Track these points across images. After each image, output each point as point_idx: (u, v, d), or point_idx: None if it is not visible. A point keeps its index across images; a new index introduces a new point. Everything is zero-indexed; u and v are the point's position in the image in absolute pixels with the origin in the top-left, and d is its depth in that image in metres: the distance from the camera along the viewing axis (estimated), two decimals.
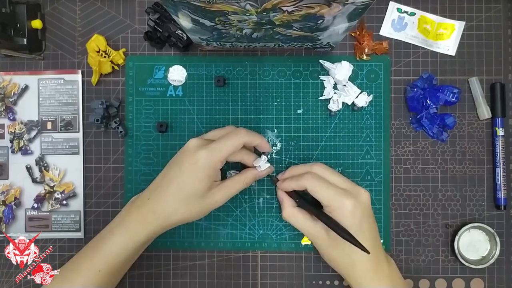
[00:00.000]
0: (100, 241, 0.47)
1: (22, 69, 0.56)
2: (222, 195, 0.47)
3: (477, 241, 0.53)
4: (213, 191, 0.47)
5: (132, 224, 0.46)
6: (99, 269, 0.46)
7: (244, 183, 0.49)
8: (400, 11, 0.55)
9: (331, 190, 0.46)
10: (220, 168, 0.47)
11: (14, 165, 0.55)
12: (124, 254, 0.46)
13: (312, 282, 0.54)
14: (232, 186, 0.48)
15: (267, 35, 0.46)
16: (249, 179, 0.49)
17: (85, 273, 0.46)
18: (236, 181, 0.48)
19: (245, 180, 0.49)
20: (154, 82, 0.55)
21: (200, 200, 0.46)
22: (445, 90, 0.53)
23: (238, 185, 0.48)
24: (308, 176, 0.47)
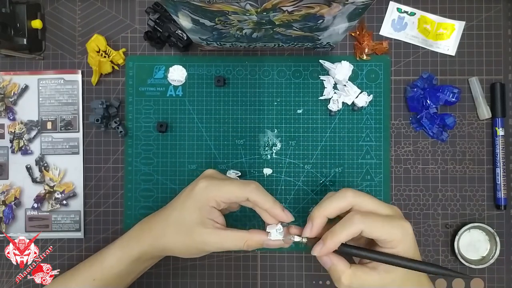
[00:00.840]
0: (102, 251, 0.48)
1: (22, 69, 0.56)
2: (214, 241, 0.42)
3: (477, 241, 0.53)
4: (205, 231, 0.42)
5: (129, 238, 0.47)
6: (94, 278, 0.46)
7: (245, 245, 0.42)
8: (400, 11, 0.55)
9: (388, 222, 0.39)
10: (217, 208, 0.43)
11: (14, 165, 0.55)
12: (118, 268, 0.46)
13: (312, 282, 0.54)
14: (230, 238, 0.42)
15: (267, 35, 0.46)
16: (253, 242, 0.42)
17: (80, 280, 0.47)
18: (237, 236, 0.42)
19: (248, 241, 0.42)
20: (154, 82, 0.55)
21: (187, 233, 0.43)
22: (445, 90, 0.53)
23: (237, 243, 0.42)
24: (357, 219, 0.39)
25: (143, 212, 0.55)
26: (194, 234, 0.42)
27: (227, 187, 0.42)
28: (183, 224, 0.43)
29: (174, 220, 0.44)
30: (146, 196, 0.55)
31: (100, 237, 0.55)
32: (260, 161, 0.55)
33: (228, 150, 0.55)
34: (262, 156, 0.55)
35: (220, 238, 0.42)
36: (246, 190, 0.42)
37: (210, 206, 0.43)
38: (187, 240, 0.43)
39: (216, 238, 0.42)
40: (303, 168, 0.55)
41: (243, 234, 0.43)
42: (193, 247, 0.43)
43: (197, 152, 0.55)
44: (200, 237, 0.42)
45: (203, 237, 0.42)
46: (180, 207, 0.44)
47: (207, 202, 0.42)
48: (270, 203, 0.42)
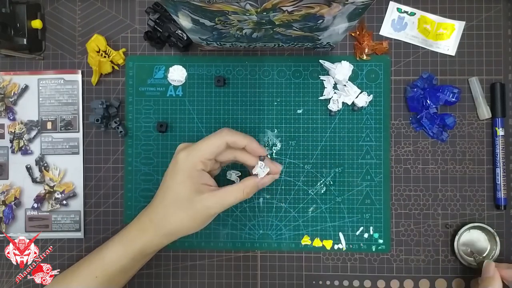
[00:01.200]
0: (102, 248, 0.48)
1: (22, 69, 0.56)
2: (216, 201, 0.43)
3: (477, 241, 0.53)
4: (203, 196, 0.43)
5: (130, 232, 0.47)
6: (96, 275, 0.46)
7: (244, 193, 0.44)
8: (400, 11, 0.55)
9: None
10: (206, 170, 0.45)
11: (14, 165, 0.55)
12: (120, 262, 0.46)
13: (312, 282, 0.54)
14: (229, 194, 0.44)
15: (267, 35, 0.46)
16: (250, 187, 0.45)
17: (82, 279, 0.46)
18: (234, 189, 0.44)
19: (245, 189, 0.44)
20: (154, 82, 0.56)
21: (188, 205, 0.43)
22: (445, 90, 0.53)
23: (237, 194, 0.44)
24: None
25: None
26: (194, 203, 0.43)
27: (205, 144, 0.44)
28: (181, 199, 0.43)
29: (171, 199, 0.44)
30: (146, 196, 0.55)
31: (100, 237, 0.55)
32: None
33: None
34: None
35: (220, 197, 0.44)
36: (222, 136, 0.44)
37: (198, 170, 0.44)
38: (190, 212, 0.44)
39: (216, 199, 0.43)
40: (303, 168, 0.55)
41: (238, 185, 0.45)
42: (198, 217, 0.44)
43: None
44: (201, 204, 0.43)
45: (204, 203, 0.43)
46: (172, 185, 0.44)
47: (195, 167, 0.43)
48: (246, 138, 0.45)
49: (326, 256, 0.54)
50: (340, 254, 0.54)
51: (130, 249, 0.46)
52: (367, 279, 0.54)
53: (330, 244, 0.54)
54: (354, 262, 0.54)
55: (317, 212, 0.54)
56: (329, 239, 0.54)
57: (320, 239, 0.54)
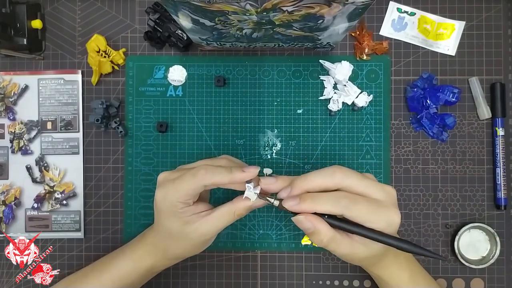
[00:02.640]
0: (112, 260, 0.48)
1: (22, 69, 0.56)
2: (208, 229, 0.41)
3: (477, 241, 0.53)
4: (196, 225, 0.41)
5: (140, 251, 0.47)
6: (103, 286, 0.46)
7: (235, 215, 0.41)
8: (400, 11, 0.55)
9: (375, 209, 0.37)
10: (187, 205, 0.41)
11: (14, 165, 0.55)
12: (130, 278, 0.47)
13: (312, 282, 0.54)
14: (220, 218, 0.41)
15: (267, 35, 0.46)
16: (241, 210, 0.41)
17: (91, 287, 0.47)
18: (225, 212, 0.41)
19: (236, 211, 0.41)
20: (154, 82, 0.55)
21: (183, 237, 0.42)
22: (445, 90, 0.53)
23: (228, 217, 0.41)
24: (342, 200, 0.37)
25: (143, 212, 0.55)
26: (188, 234, 0.42)
27: (181, 186, 0.40)
28: (174, 233, 0.42)
29: (165, 234, 0.44)
30: (146, 196, 0.55)
31: (100, 237, 0.55)
32: (260, 161, 0.55)
33: (228, 150, 0.55)
34: (262, 156, 0.55)
35: (211, 223, 0.41)
36: (198, 180, 0.39)
37: (180, 208, 0.41)
38: (188, 242, 0.43)
39: (207, 226, 0.41)
40: (303, 168, 0.55)
41: (228, 207, 0.41)
42: (196, 244, 0.44)
43: (197, 152, 0.55)
44: (195, 234, 0.42)
45: (197, 232, 0.42)
46: (161, 221, 0.43)
47: (174, 208, 0.41)
48: (226, 177, 0.40)
49: (326, 256, 0.54)
50: None
51: (140, 266, 0.46)
52: (367, 279, 0.54)
53: None
54: None
55: None
56: None
57: None
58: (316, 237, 0.39)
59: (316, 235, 0.39)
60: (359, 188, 0.38)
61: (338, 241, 0.39)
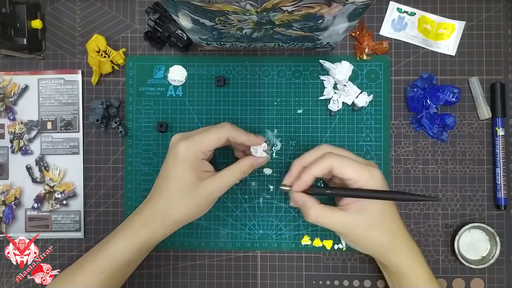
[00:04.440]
0: (104, 244, 0.47)
1: (22, 69, 0.56)
2: (217, 185, 0.46)
3: (477, 241, 0.53)
4: (206, 182, 0.45)
5: (133, 225, 0.47)
6: (101, 270, 0.46)
7: (241, 172, 0.47)
8: (400, 11, 0.55)
9: (357, 163, 0.44)
10: (205, 158, 0.46)
11: (14, 165, 0.55)
12: (126, 255, 0.46)
13: (312, 282, 0.54)
14: (228, 175, 0.46)
15: (267, 35, 0.46)
16: (246, 167, 0.47)
17: (87, 275, 0.46)
18: (232, 170, 0.46)
19: (242, 168, 0.47)
20: (154, 82, 0.55)
21: (192, 193, 0.45)
22: (445, 90, 0.53)
23: (234, 175, 0.46)
24: (329, 155, 0.44)
25: None
26: (198, 189, 0.45)
27: (206, 138, 0.45)
28: (186, 188, 0.45)
29: (175, 189, 0.45)
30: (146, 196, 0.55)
31: (100, 237, 0.55)
32: None
33: (228, 150, 0.55)
34: None
35: (220, 180, 0.46)
36: (223, 131, 0.46)
37: (200, 159, 0.45)
38: (195, 199, 0.45)
39: (217, 183, 0.45)
40: None
41: (235, 166, 0.47)
42: (203, 202, 0.46)
43: None
44: (205, 190, 0.45)
45: (207, 188, 0.45)
46: (175, 175, 0.45)
47: (197, 157, 0.45)
48: (245, 135, 0.46)
49: (326, 256, 0.54)
50: (340, 254, 0.54)
51: (135, 241, 0.46)
52: (367, 279, 0.54)
53: (330, 244, 0.54)
54: (354, 262, 0.54)
55: None
56: (329, 239, 0.54)
57: (320, 239, 0.54)
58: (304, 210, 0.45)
59: (303, 207, 0.45)
60: (344, 153, 0.46)
61: (328, 213, 0.44)
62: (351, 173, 0.43)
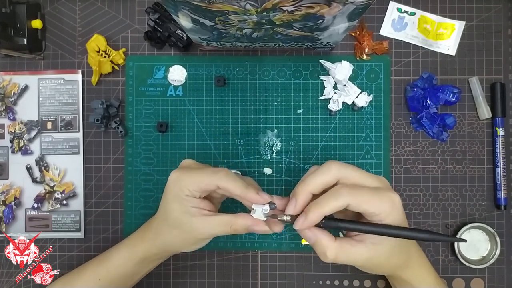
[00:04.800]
0: (108, 252, 0.48)
1: (22, 69, 0.56)
2: (204, 227, 0.41)
3: (477, 241, 0.53)
4: (194, 220, 0.41)
5: (134, 239, 0.48)
6: (99, 278, 0.47)
7: (231, 230, 0.41)
8: (400, 11, 0.55)
9: (375, 194, 0.37)
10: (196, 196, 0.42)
11: (14, 165, 0.55)
12: (124, 267, 0.47)
13: (312, 282, 0.54)
14: (215, 223, 0.41)
15: (267, 35, 0.46)
16: (238, 227, 0.41)
17: (86, 280, 0.47)
18: (222, 221, 0.41)
19: (233, 226, 0.41)
20: (154, 82, 0.55)
21: (177, 225, 0.42)
22: (445, 90, 0.53)
23: (224, 228, 0.41)
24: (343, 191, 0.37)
25: (143, 212, 0.55)
26: (182, 224, 0.42)
27: (197, 176, 0.41)
28: (171, 218, 0.43)
29: (164, 217, 0.44)
30: (146, 196, 0.55)
31: (100, 237, 0.55)
32: (260, 161, 0.55)
33: (228, 150, 0.55)
34: (262, 156, 0.55)
35: (207, 224, 0.41)
36: (215, 178, 0.40)
37: (185, 195, 0.41)
38: (179, 232, 0.43)
39: (204, 225, 0.41)
40: (303, 168, 0.55)
41: (228, 218, 0.41)
42: (188, 238, 0.43)
43: (197, 152, 0.55)
44: (188, 226, 0.42)
45: (192, 226, 0.41)
46: (164, 203, 0.44)
47: (180, 192, 0.41)
48: (240, 188, 0.40)
49: None
50: None
51: (133, 255, 0.46)
52: (367, 279, 0.54)
53: None
54: None
55: None
56: None
57: None
58: (319, 249, 0.38)
59: (318, 246, 0.38)
60: (356, 178, 0.39)
61: (347, 249, 0.38)
62: (372, 209, 0.37)
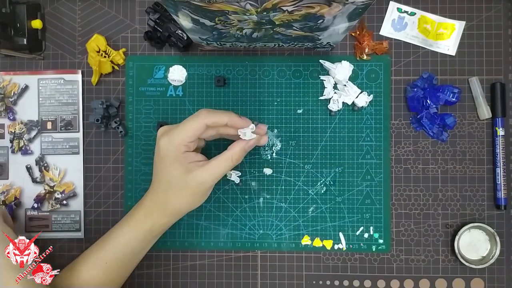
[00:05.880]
0: (108, 235, 0.48)
1: (22, 69, 0.56)
2: (208, 176, 0.44)
3: (477, 241, 0.53)
4: (195, 173, 0.43)
5: (137, 215, 0.47)
6: (105, 261, 0.47)
7: (232, 159, 0.44)
8: (400, 11, 0.55)
9: None
10: (190, 150, 0.45)
11: (14, 165, 0.55)
12: (131, 245, 0.47)
13: (312, 282, 0.54)
14: (218, 164, 0.44)
15: (267, 35, 0.46)
16: (237, 153, 0.44)
17: (92, 266, 0.47)
18: (223, 158, 0.44)
19: (233, 155, 0.44)
20: (154, 82, 0.55)
21: (182, 185, 0.44)
22: (445, 90, 0.53)
23: (226, 163, 0.44)
24: None
25: None
26: (188, 182, 0.44)
27: (185, 128, 0.43)
28: (174, 181, 0.44)
29: (165, 183, 0.45)
30: None
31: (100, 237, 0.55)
32: (260, 161, 0.55)
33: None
34: (262, 156, 0.55)
35: (210, 170, 0.44)
36: (200, 118, 0.43)
37: (182, 152, 0.44)
38: (186, 191, 0.44)
39: (207, 173, 0.44)
40: (303, 168, 0.55)
41: (226, 154, 0.44)
42: (196, 192, 0.45)
43: None
44: (194, 182, 0.44)
45: (197, 179, 0.44)
46: (162, 170, 0.45)
47: (178, 151, 0.43)
48: (225, 116, 0.44)
49: (326, 256, 0.54)
50: (340, 254, 0.54)
51: (139, 231, 0.46)
52: (367, 279, 0.54)
53: (330, 244, 0.54)
54: (354, 262, 0.54)
55: (317, 212, 0.54)
56: (329, 239, 0.54)
57: (320, 239, 0.54)
58: None
59: None
60: None
61: None
62: None
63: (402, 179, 0.55)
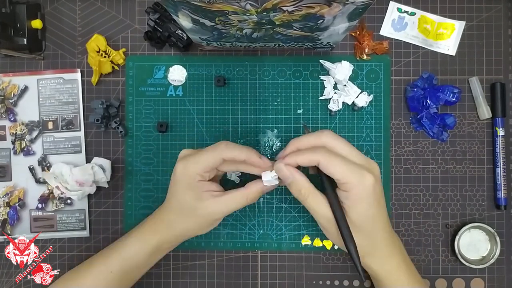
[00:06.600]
0: (116, 245, 0.48)
1: (22, 69, 0.56)
2: (220, 208, 0.44)
3: (477, 241, 0.53)
4: (207, 203, 0.44)
5: (145, 230, 0.48)
6: (110, 270, 0.47)
7: (247, 199, 0.44)
8: (400, 11, 0.55)
9: (350, 164, 0.40)
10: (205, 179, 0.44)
11: (17, 166, 0.55)
12: (137, 258, 0.47)
13: (312, 282, 0.54)
14: (232, 200, 0.44)
15: (267, 35, 0.46)
16: (253, 194, 0.44)
17: (97, 274, 0.47)
18: (238, 195, 0.44)
19: (249, 195, 0.44)
20: (154, 82, 0.56)
21: (192, 212, 0.44)
22: (445, 90, 0.53)
23: (240, 200, 0.44)
24: (321, 150, 0.41)
25: (143, 212, 0.55)
26: (198, 211, 0.44)
27: (201, 158, 0.43)
28: (185, 208, 0.44)
29: (175, 207, 0.45)
30: (146, 196, 0.55)
31: (100, 237, 0.55)
32: None
33: None
34: None
35: (222, 203, 0.44)
36: (218, 152, 0.43)
37: (197, 181, 0.43)
38: (196, 219, 0.45)
39: (219, 205, 0.44)
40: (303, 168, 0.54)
41: (241, 191, 0.44)
42: (203, 222, 0.45)
43: None
44: (205, 211, 0.44)
45: (208, 210, 0.44)
46: (175, 194, 0.45)
47: (193, 179, 0.43)
48: (244, 152, 0.43)
49: (326, 256, 0.54)
50: (340, 254, 0.54)
51: (145, 246, 0.47)
52: (367, 279, 0.54)
53: (330, 244, 0.54)
54: None
55: None
56: None
57: (320, 239, 0.54)
58: (294, 187, 0.42)
59: (294, 184, 0.42)
60: (343, 150, 0.42)
61: (316, 197, 0.42)
62: (337, 175, 0.40)
63: (402, 179, 0.55)
